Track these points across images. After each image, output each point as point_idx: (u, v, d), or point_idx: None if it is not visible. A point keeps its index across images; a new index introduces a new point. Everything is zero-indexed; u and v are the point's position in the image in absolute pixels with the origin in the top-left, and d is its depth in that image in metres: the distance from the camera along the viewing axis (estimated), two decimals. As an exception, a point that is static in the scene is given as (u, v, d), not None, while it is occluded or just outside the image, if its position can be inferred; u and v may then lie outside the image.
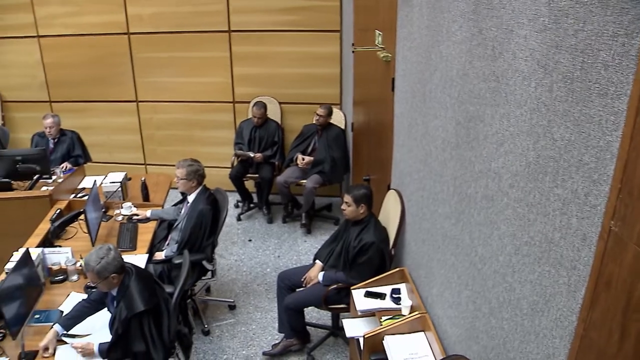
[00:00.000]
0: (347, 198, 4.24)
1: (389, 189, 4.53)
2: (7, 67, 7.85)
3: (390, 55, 4.32)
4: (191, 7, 6.89)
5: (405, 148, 4.07)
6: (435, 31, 3.19)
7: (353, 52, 5.53)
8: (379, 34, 4.64)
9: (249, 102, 6.96)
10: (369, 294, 3.97)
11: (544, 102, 1.97)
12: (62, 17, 7.38)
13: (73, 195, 5.39)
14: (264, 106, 6.62)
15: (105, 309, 3.73)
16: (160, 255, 4.70)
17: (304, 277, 4.53)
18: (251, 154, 6.54)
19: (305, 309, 4.63)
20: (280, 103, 7.01)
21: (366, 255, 4.14)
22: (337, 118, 6.65)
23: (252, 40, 6.86)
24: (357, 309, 3.91)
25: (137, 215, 5.00)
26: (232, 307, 5.33)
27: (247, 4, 6.75)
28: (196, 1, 6.84)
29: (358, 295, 4.00)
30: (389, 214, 4.37)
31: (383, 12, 4.60)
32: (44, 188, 5.28)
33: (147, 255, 4.49)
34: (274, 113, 6.89)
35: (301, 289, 4.56)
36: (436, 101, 3.24)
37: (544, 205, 2.02)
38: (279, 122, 6.89)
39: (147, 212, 5.01)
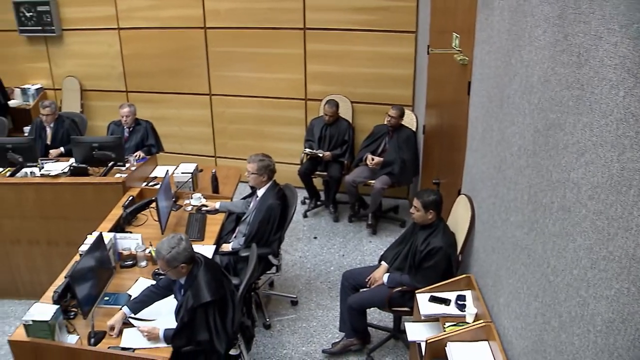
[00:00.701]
0: (417, 203, 4.20)
1: (459, 193, 4.45)
2: (88, 58, 8.15)
3: (467, 58, 4.25)
4: (267, 3, 6.97)
5: (479, 153, 3.99)
6: (516, 35, 3.12)
7: (428, 54, 5.48)
8: (456, 36, 4.57)
9: (320, 100, 6.99)
10: (433, 299, 3.92)
11: (632, 113, 1.90)
12: (142, 11, 7.60)
13: (145, 183, 5.54)
14: (336, 105, 6.62)
15: (172, 296, 3.82)
16: (227, 247, 4.77)
17: (368, 277, 4.51)
18: (320, 153, 6.55)
19: (367, 309, 4.62)
20: (352, 102, 7.00)
21: (433, 260, 4.09)
22: (409, 120, 6.58)
23: (327, 39, 6.88)
24: (421, 313, 3.86)
25: (206, 206, 5.09)
26: (294, 303, 5.36)
27: (323, 2, 6.77)
28: (272, -2, 6.94)
29: (422, 300, 3.95)
30: (458, 219, 4.30)
31: (461, 14, 4.53)
32: (118, 175, 5.43)
33: (214, 246, 4.56)
34: (345, 112, 6.89)
35: (365, 289, 4.55)
36: (514, 107, 3.17)
37: (627, 220, 1.94)
38: (350, 121, 6.87)
39: (216, 204, 5.09)
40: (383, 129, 6.48)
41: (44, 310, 3.47)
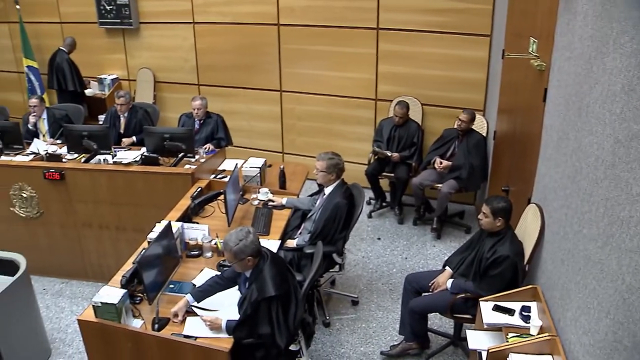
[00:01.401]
0: (485, 209, 4.12)
1: (529, 202, 4.35)
2: (162, 50, 8.38)
3: (544, 64, 4.14)
4: (342, 2, 6.98)
5: (552, 162, 3.89)
6: (600, 42, 3.02)
7: (503, 58, 5.37)
8: (534, 41, 4.46)
9: (390, 101, 6.95)
10: (497, 308, 3.84)
11: None
12: (217, 6, 7.75)
13: (213, 175, 5.62)
14: (407, 106, 6.57)
15: (235, 287, 3.88)
16: (292, 243, 4.79)
17: (432, 282, 4.46)
18: (389, 153, 6.51)
19: (429, 314, 4.57)
20: (422, 104, 6.92)
21: (499, 269, 4.01)
22: (479, 124, 6.47)
23: (400, 39, 6.83)
24: (484, 321, 3.79)
25: (272, 201, 5.13)
26: (354, 303, 5.36)
27: (398, 2, 6.72)
28: (348, -4, 6.92)
29: (486, 308, 3.88)
30: (527, 228, 4.20)
31: (541, 18, 4.42)
32: (187, 166, 5.53)
33: (279, 241, 4.59)
34: (415, 114, 6.82)
35: (428, 293, 4.50)
36: (593, 116, 3.07)
37: None
38: (420, 123, 6.80)
39: (283, 200, 5.13)
40: (453, 132, 6.40)
41: (112, 293, 3.59)
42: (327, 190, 4.84)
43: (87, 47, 8.79)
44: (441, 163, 6.28)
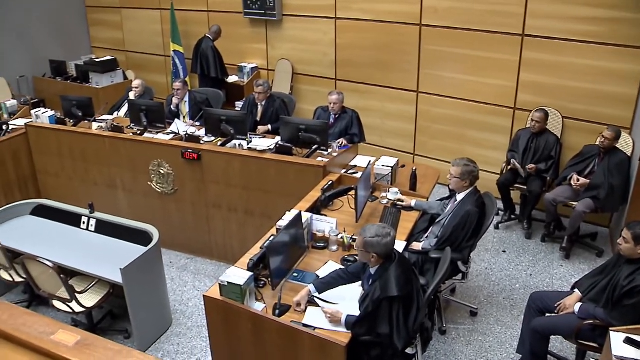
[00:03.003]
0: (627, 234, 3.88)
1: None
2: (303, 43, 8.55)
3: None
4: (487, 5, 6.79)
5: None
6: None
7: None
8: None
9: (530, 111, 6.67)
10: (629, 341, 3.58)
11: None
12: (360, 3, 7.82)
13: (344, 170, 5.65)
14: (546, 113, 6.32)
15: (358, 283, 3.88)
16: (417, 246, 4.74)
17: (558, 303, 4.26)
18: (523, 173, 6.31)
19: (551, 336, 4.37)
20: (563, 117, 6.61)
21: (635, 299, 3.79)
22: (624, 143, 6.09)
23: (546, 47, 6.55)
24: (613, 353, 3.56)
25: (402, 201, 5.08)
26: (473, 314, 5.24)
27: (548, 8, 6.43)
28: (494, 0, 6.72)
29: (616, 339, 3.64)
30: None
31: None
32: (319, 159, 5.60)
33: (405, 243, 4.55)
34: (554, 126, 6.53)
35: (552, 314, 4.31)
36: None
37: None
38: (559, 136, 6.50)
39: (412, 202, 5.07)
40: (594, 149, 6.06)
41: (238, 274, 3.70)
42: (459, 197, 4.75)
43: (230, 36, 9.14)
44: (578, 180, 5.97)
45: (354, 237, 4.31)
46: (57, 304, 4.75)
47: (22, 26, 10.27)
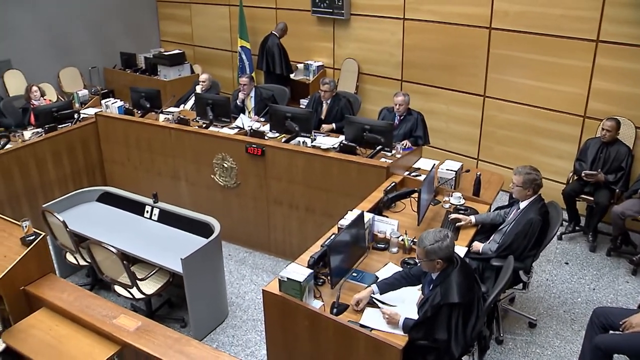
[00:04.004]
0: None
1: None
2: (369, 43, 8.54)
3: None
4: (561, 9, 6.60)
5: None
6: None
7: None
8: None
9: (601, 120, 6.45)
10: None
11: None
12: (429, 4, 7.75)
13: (407, 172, 5.60)
14: (618, 122, 6.09)
15: (418, 286, 3.85)
16: (478, 246, 4.65)
17: (623, 320, 4.10)
18: (589, 178, 6.11)
19: (614, 354, 4.22)
20: (636, 127, 6.37)
21: None
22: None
23: (623, 55, 6.30)
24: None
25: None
26: (532, 325, 5.12)
27: (627, 13, 6.18)
28: (568, 4, 6.53)
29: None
30: None
31: None
32: (383, 159, 5.57)
33: (466, 248, 4.48)
34: (627, 137, 6.29)
35: (617, 332, 4.15)
36: None
37: None
38: (631, 147, 6.27)
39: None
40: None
41: (298, 270, 3.72)
42: (522, 205, 4.64)
43: (297, 33, 9.20)
44: (650, 194, 5.77)
45: (414, 239, 4.27)
46: (119, 289, 4.87)
47: (95, 20, 10.62)
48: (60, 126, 6.95)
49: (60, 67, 10.20)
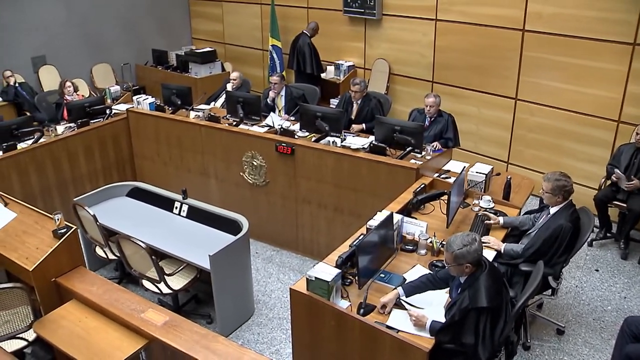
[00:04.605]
0: None
1: None
2: (400, 43, 8.53)
3: None
4: (596, 12, 6.49)
5: None
6: None
7: None
8: None
9: (636, 125, 6.32)
10: None
11: None
12: (461, 5, 7.69)
13: (437, 174, 5.56)
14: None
15: (445, 290, 3.84)
16: (500, 246, 4.56)
17: (656, 331, 4.05)
18: (624, 186, 5.97)
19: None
20: (672, 133, 6.26)
21: None
22: None
23: (659, 58, 6.19)
24: None
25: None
26: (560, 332, 5.06)
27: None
28: (603, 6, 6.42)
29: None
30: None
31: None
32: (413, 161, 5.53)
33: (494, 252, 4.44)
34: (662, 143, 6.20)
35: (649, 342, 4.09)
36: None
37: None
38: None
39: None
40: None
41: (326, 270, 3.73)
42: (553, 210, 4.57)
43: (328, 33, 9.21)
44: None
45: (443, 242, 4.24)
46: (146, 283, 4.93)
47: (128, 17, 10.78)
48: (92, 121, 7.04)
49: (93, 63, 10.35)
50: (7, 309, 3.97)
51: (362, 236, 4.18)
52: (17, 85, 8.78)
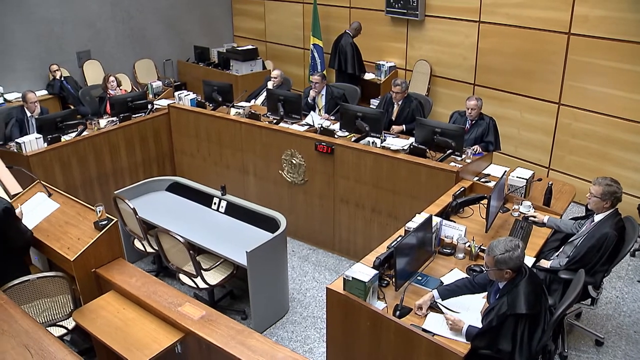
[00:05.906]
0: None
1: None
2: (443, 45, 8.46)
3: None
4: (644, 15, 6.34)
5: None
6: None
7: None
8: None
9: (683, 133, 6.19)
10: None
11: None
12: (506, 7, 7.58)
13: (476, 178, 5.51)
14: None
15: (482, 294, 3.80)
16: (546, 264, 4.55)
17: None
18: None
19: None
20: None
21: None
22: None
23: None
24: None
25: (534, 216, 4.88)
26: (598, 343, 4.95)
27: None
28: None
29: None
30: None
31: None
32: (453, 164, 5.49)
33: (534, 259, 4.38)
34: None
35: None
36: None
37: None
38: None
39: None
40: None
41: (364, 271, 3.72)
42: (597, 217, 4.48)
43: (370, 33, 9.19)
44: None
45: (482, 246, 4.20)
46: (183, 277, 4.98)
47: (171, 14, 10.92)
48: (134, 116, 7.16)
49: (136, 58, 10.52)
50: (49, 297, 4.08)
51: (400, 238, 4.17)
52: (62, 79, 8.99)
